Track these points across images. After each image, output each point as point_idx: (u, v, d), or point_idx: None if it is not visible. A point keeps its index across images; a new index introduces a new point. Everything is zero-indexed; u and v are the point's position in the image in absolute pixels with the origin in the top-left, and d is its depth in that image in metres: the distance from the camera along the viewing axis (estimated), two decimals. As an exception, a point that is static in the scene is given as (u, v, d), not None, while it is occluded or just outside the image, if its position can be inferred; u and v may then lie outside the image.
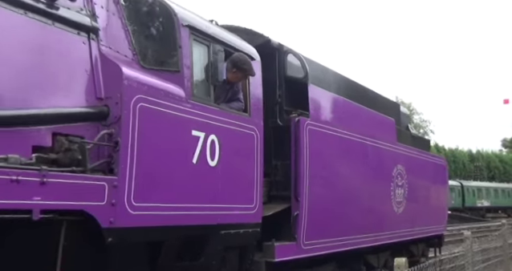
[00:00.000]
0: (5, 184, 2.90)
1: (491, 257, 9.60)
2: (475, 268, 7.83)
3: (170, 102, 4.16)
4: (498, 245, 10.06)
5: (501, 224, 11.45)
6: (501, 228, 11.02)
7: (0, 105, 3.14)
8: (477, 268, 8.07)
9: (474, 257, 7.84)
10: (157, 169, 3.98)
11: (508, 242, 10.43)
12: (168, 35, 4.42)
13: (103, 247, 3.64)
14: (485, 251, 9.08)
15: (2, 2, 3.34)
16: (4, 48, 3.26)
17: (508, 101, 43.79)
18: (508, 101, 43.79)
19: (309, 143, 6.08)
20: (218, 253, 4.77)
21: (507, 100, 43.89)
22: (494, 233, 11.66)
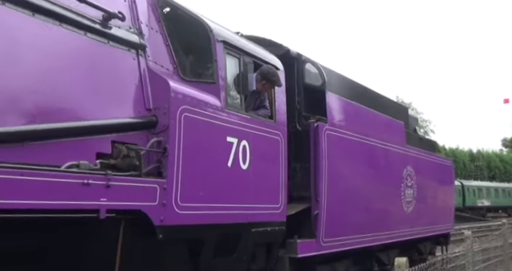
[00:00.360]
0: (78, 187, 3.31)
1: (491, 257, 9.56)
2: (475, 267, 7.86)
3: (209, 111, 4.57)
4: (499, 245, 10.00)
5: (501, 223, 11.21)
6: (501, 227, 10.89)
7: (70, 118, 3.55)
8: (478, 268, 8.10)
9: (475, 257, 7.86)
10: (199, 172, 4.39)
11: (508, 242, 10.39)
12: (205, 50, 4.83)
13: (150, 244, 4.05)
14: (485, 250, 9.04)
15: (67, 25, 3.74)
16: (70, 67, 3.67)
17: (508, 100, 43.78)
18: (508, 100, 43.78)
19: (327, 147, 6.49)
20: (249, 249, 5.19)
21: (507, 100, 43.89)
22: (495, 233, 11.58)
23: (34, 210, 3.04)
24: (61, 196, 3.19)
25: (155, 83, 4.29)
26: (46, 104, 3.44)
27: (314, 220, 6.33)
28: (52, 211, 3.15)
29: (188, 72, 4.84)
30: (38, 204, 3.04)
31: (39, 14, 3.54)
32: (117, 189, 3.56)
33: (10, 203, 2.88)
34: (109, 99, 3.97)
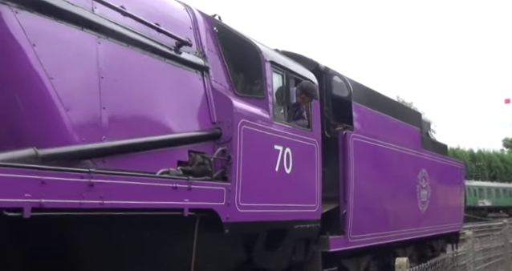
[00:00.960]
0: (169, 190, 4.02)
1: (492, 257, 9.60)
2: (476, 267, 7.92)
3: (261, 123, 5.28)
4: (500, 245, 10.08)
5: (502, 223, 11.31)
6: (502, 227, 11.04)
7: (159, 132, 4.26)
8: (479, 268, 8.16)
9: (476, 257, 7.89)
10: (254, 176, 5.10)
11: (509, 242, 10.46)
12: (255, 68, 5.54)
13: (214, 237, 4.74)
14: (486, 251, 9.08)
15: (152, 53, 4.45)
16: (157, 89, 4.38)
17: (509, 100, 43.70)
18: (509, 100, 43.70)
19: (354, 153, 7.20)
20: (291, 244, 5.90)
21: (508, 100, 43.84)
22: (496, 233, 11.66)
23: (138, 209, 3.74)
24: (158, 197, 3.89)
25: (219, 100, 4.99)
26: (143, 121, 4.15)
27: (342, 218, 7.04)
28: (150, 209, 3.85)
29: (240, 88, 5.54)
30: (144, 204, 3.74)
31: (135, 46, 4.25)
32: (196, 191, 4.26)
33: (127, 203, 3.59)
34: (184, 114, 4.67)
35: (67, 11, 3.73)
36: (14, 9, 3.38)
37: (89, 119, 3.74)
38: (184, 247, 4.43)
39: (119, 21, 4.19)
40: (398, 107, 9.72)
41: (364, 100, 8.04)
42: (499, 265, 9.85)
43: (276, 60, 5.79)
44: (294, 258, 6.08)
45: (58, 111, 3.50)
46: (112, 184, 3.50)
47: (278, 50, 6.79)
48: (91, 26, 3.93)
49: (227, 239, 4.84)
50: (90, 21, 3.91)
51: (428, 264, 5.42)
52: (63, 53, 3.65)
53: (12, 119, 3.36)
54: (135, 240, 3.93)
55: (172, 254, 4.33)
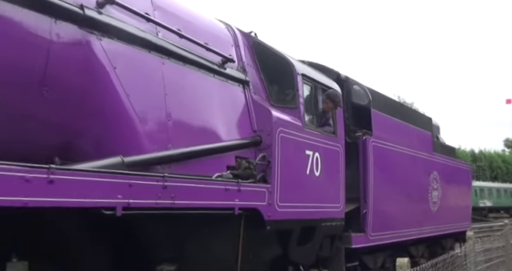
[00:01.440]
0: (223, 191, 4.59)
1: (493, 257, 9.65)
2: (477, 268, 7.98)
3: (295, 131, 5.85)
4: (501, 245, 10.13)
5: (503, 224, 11.39)
6: (503, 228, 11.12)
7: (210, 141, 4.84)
8: (480, 269, 8.22)
9: (477, 257, 7.94)
10: (290, 179, 5.67)
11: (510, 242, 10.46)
12: (288, 81, 6.11)
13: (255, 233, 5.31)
14: (487, 251, 9.15)
15: (205, 70, 5.03)
16: (210, 103, 4.96)
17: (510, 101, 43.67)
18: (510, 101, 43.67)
19: (373, 156, 7.77)
20: (319, 240, 6.47)
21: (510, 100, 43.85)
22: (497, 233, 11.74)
23: (199, 207, 4.31)
24: (214, 197, 4.47)
25: (259, 111, 5.58)
26: (198, 131, 4.73)
27: (363, 217, 7.61)
28: (207, 208, 4.43)
29: (274, 98, 6.12)
30: (204, 203, 4.32)
31: (190, 64, 4.84)
32: (244, 193, 4.83)
33: (191, 203, 4.16)
34: (230, 124, 5.25)
35: (138, 37, 4.30)
36: (99, 36, 3.95)
37: (158, 130, 4.32)
38: (232, 241, 5.00)
39: (177, 42, 4.77)
40: (410, 113, 10.29)
41: (381, 107, 8.61)
42: (500, 266, 9.94)
43: (306, 73, 6.36)
44: (321, 253, 6.65)
45: (134, 123, 4.07)
46: (181, 187, 4.07)
47: (304, 61, 7.36)
48: (157, 49, 4.50)
49: (267, 234, 5.42)
50: (155, 44, 4.49)
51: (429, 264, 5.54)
52: (136, 73, 4.22)
53: (96, 131, 3.93)
54: (194, 234, 4.51)
55: (222, 246, 4.90)
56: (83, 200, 3.29)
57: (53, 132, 3.76)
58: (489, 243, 9.53)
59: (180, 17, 5.02)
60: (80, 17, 3.79)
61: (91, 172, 3.38)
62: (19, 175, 2.94)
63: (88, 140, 3.91)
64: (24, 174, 2.96)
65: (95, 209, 3.39)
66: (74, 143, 3.88)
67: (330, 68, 8.18)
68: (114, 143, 3.95)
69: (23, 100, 3.49)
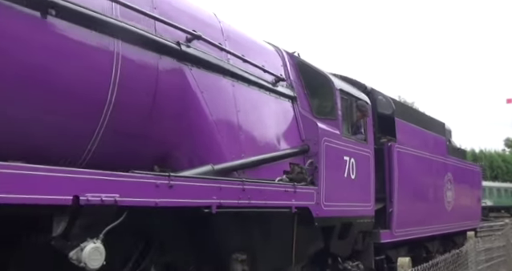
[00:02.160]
0: (283, 193, 5.44)
1: (494, 257, 9.72)
2: (478, 267, 8.08)
3: (335, 139, 6.71)
4: (501, 245, 10.24)
5: (504, 223, 11.57)
6: (504, 227, 11.29)
7: (270, 150, 5.70)
8: (481, 268, 8.31)
9: (478, 257, 8.02)
10: (333, 181, 6.54)
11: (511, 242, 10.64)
12: (328, 95, 6.98)
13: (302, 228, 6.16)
14: (488, 250, 9.21)
15: (263, 89, 5.89)
16: (269, 117, 5.82)
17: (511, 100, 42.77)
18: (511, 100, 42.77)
19: (397, 161, 8.63)
20: (354, 235, 7.34)
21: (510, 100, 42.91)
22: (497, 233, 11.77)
23: (267, 206, 5.16)
24: (277, 198, 5.33)
25: (306, 123, 6.44)
26: (262, 142, 5.60)
27: (388, 215, 8.47)
28: (272, 207, 5.28)
29: (316, 111, 6.98)
30: (271, 203, 5.17)
31: (252, 84, 5.71)
32: (299, 194, 5.70)
33: (261, 203, 5.02)
34: (284, 135, 6.12)
35: (216, 65, 5.17)
36: (190, 66, 4.81)
37: (234, 142, 5.18)
38: (287, 234, 5.85)
39: (242, 67, 5.63)
40: (426, 119, 11.15)
41: (402, 114, 9.48)
42: (501, 265, 10.12)
43: (342, 88, 7.23)
44: (355, 247, 7.52)
45: (217, 137, 4.94)
46: (254, 189, 4.93)
47: (336, 75, 8.21)
48: (229, 73, 5.37)
49: (314, 230, 6.28)
50: (228, 70, 5.35)
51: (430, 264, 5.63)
52: (216, 95, 5.09)
53: (188, 144, 4.78)
54: (260, 228, 5.37)
55: (281, 239, 5.75)
56: (192, 200, 4.16)
57: (154, 146, 4.62)
58: (490, 242, 9.59)
59: (242, 44, 5.89)
60: (177, 52, 4.65)
61: (196, 178, 4.24)
62: (152, 181, 3.80)
63: (182, 152, 4.77)
64: (155, 181, 3.82)
65: (197, 208, 4.25)
66: (170, 154, 4.73)
67: (357, 81, 9.04)
68: (202, 154, 4.82)
69: (137, 121, 4.35)
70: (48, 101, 3.62)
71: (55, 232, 3.22)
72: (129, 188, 3.59)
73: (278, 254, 5.69)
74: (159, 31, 4.52)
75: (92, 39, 3.86)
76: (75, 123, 3.88)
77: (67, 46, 3.68)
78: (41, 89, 3.56)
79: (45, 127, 3.69)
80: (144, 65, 4.31)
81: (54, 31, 3.61)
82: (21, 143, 3.53)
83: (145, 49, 4.33)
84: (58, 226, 3.23)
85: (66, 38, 3.68)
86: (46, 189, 3.04)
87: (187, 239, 4.76)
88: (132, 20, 4.22)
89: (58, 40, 3.64)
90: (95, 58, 3.89)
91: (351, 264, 7.34)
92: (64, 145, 3.87)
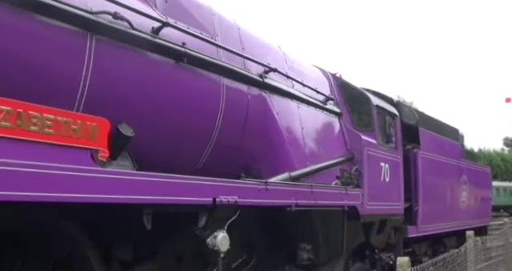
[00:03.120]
0: (339, 194, 6.62)
1: (493, 256, 9.97)
2: (477, 266, 8.25)
3: (374, 148, 7.89)
4: (500, 244, 10.57)
5: (503, 222, 11.90)
6: (503, 227, 11.66)
7: (326, 159, 6.88)
8: (480, 267, 8.51)
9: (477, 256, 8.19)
10: (373, 184, 7.71)
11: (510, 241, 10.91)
12: (366, 110, 8.16)
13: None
14: (487, 250, 9.45)
15: (316, 108, 7.07)
16: (323, 131, 7.01)
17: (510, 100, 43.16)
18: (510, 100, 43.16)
19: (422, 165, 9.81)
20: (388, 231, 8.52)
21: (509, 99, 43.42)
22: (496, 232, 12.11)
23: (327, 205, 6.34)
24: (334, 198, 6.50)
25: (350, 135, 7.63)
26: (319, 152, 6.78)
27: (414, 213, 9.65)
28: (330, 206, 6.45)
29: (356, 124, 8.16)
30: (330, 203, 6.35)
31: (310, 105, 6.89)
32: (349, 195, 6.87)
33: (324, 203, 6.19)
34: (334, 146, 7.30)
35: (286, 91, 6.35)
36: (268, 94, 5.99)
37: (300, 153, 6.37)
38: (339, 229, 7.02)
39: (302, 90, 6.82)
40: (443, 126, 12.33)
41: (423, 123, 10.66)
42: (500, 264, 10.41)
43: (378, 104, 8.42)
44: (389, 241, 8.70)
45: (289, 150, 6.12)
46: (320, 192, 6.11)
47: (368, 90, 9.39)
48: (294, 97, 6.56)
49: (358, 225, 7.45)
50: (293, 94, 6.54)
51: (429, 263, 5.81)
52: (287, 116, 6.27)
53: (267, 155, 5.96)
54: (320, 223, 6.54)
55: (335, 232, 6.93)
56: (280, 201, 5.34)
57: (243, 157, 5.80)
58: (489, 241, 9.73)
59: (300, 71, 7.08)
60: (260, 82, 5.84)
61: (283, 184, 5.43)
62: (256, 186, 4.98)
63: (262, 162, 5.95)
64: (257, 186, 5.00)
65: (283, 207, 5.43)
66: (253, 164, 5.91)
67: (385, 95, 10.22)
68: (278, 164, 6.00)
69: (233, 138, 5.52)
70: (180, 129, 4.80)
71: (200, 224, 4.40)
72: (243, 192, 4.77)
73: (333, 245, 6.87)
74: (247, 67, 5.70)
75: (208, 78, 5.05)
76: (195, 144, 5.06)
77: (194, 86, 4.87)
78: (177, 119, 4.74)
79: (177, 147, 4.87)
80: (239, 94, 5.50)
81: (183, 74, 4.79)
82: (161, 159, 4.71)
83: (239, 82, 5.51)
84: (202, 220, 4.41)
85: (192, 79, 4.87)
86: (197, 193, 4.23)
87: (267, 232, 5.94)
88: (229, 59, 5.40)
89: (187, 81, 4.82)
90: (211, 92, 5.07)
91: (385, 256, 8.53)
92: (187, 159, 5.05)
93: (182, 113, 4.79)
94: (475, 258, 7.87)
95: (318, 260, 6.45)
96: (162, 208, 3.92)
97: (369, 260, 8.28)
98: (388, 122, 8.83)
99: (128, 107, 4.20)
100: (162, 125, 4.59)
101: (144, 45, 4.36)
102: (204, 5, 5.45)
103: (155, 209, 3.88)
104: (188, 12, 5.11)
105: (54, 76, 3.69)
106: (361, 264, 8.03)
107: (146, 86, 4.40)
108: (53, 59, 3.67)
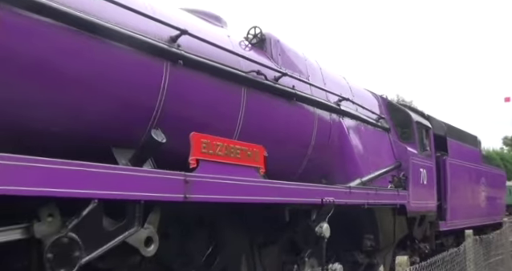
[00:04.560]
0: (393, 195, 8.36)
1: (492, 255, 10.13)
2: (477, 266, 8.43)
3: (416, 157, 9.63)
4: (500, 244, 10.78)
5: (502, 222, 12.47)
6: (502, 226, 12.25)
7: (381, 167, 8.62)
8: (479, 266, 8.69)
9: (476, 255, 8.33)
10: (416, 186, 9.45)
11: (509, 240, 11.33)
12: (408, 125, 9.91)
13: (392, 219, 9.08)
14: (486, 249, 9.59)
15: (369, 125, 8.82)
16: (377, 144, 8.76)
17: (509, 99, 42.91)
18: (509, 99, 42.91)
19: (450, 170, 11.56)
20: (426, 224, 10.27)
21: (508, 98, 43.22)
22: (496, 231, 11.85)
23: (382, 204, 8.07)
24: (388, 198, 8.24)
25: (397, 147, 9.37)
26: (374, 161, 8.54)
27: (444, 210, 11.41)
28: (386, 204, 8.19)
29: (402, 136, 9.91)
30: (387, 202, 8.09)
31: (363, 122, 8.64)
32: (400, 196, 8.61)
33: (380, 202, 7.93)
34: (386, 155, 9.05)
35: (355, 115, 8.10)
36: (342, 117, 7.73)
37: (365, 163, 8.11)
38: (391, 223, 8.76)
39: (363, 112, 8.55)
40: (465, 134, 14.12)
41: (449, 133, 12.40)
42: (499, 264, 10.72)
43: (418, 120, 10.16)
44: (426, 233, 10.45)
45: (358, 161, 7.87)
46: (382, 193, 7.86)
47: (405, 106, 11.14)
48: (359, 119, 8.29)
49: (404, 220, 9.20)
50: (359, 116, 8.28)
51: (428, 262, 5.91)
52: (355, 133, 8.01)
53: (342, 166, 7.70)
54: (379, 218, 8.29)
55: (388, 226, 8.66)
56: (358, 200, 7.08)
57: (324, 167, 7.54)
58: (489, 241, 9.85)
59: (360, 96, 8.83)
60: (337, 110, 7.58)
61: (360, 187, 7.18)
62: (345, 190, 6.72)
63: (338, 170, 7.70)
64: (345, 190, 6.74)
65: (358, 205, 7.17)
66: (331, 172, 7.66)
67: (418, 109, 11.98)
68: (350, 172, 7.75)
69: (320, 153, 7.26)
70: (292, 148, 6.55)
71: (312, 218, 6.15)
72: (337, 194, 6.52)
73: (388, 236, 8.61)
74: (328, 98, 7.45)
75: (307, 110, 6.80)
76: (297, 159, 6.82)
77: (300, 117, 6.63)
78: (291, 141, 6.49)
79: (288, 161, 6.61)
80: (325, 120, 7.25)
81: (293, 109, 6.54)
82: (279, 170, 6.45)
83: (325, 110, 7.26)
84: (313, 215, 6.16)
85: (299, 112, 6.63)
86: (314, 195, 5.98)
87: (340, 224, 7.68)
88: (318, 93, 7.15)
89: (296, 114, 6.58)
90: (309, 120, 6.83)
91: (422, 245, 10.29)
92: (290, 171, 6.80)
93: (294, 136, 6.55)
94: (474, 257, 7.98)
95: (378, 247, 8.20)
96: (296, 207, 5.69)
97: (410, 249, 10.03)
98: (424, 134, 10.56)
99: (266, 136, 5.96)
100: (284, 146, 6.36)
101: (270, 89, 6.11)
102: (299, 54, 7.22)
103: (292, 207, 5.65)
104: (292, 61, 6.87)
105: (228, 119, 5.46)
106: (404, 252, 9.77)
107: (274, 120, 6.16)
108: (228, 109, 5.45)
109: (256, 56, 6.10)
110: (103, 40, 4.06)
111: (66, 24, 3.75)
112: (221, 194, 4.53)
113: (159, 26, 4.66)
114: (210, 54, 5.17)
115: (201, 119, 5.07)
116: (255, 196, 5.08)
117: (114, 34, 4.12)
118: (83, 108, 4.03)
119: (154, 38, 4.56)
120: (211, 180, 4.40)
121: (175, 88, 4.71)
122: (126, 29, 4.23)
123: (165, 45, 4.65)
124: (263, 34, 6.57)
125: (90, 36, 3.94)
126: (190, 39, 4.92)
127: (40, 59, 3.65)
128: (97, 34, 3.98)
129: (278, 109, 6.25)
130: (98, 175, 3.33)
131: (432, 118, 12.02)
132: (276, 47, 6.64)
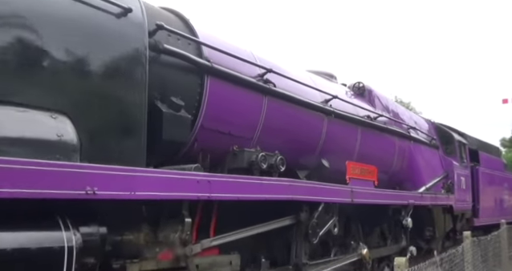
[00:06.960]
0: (445, 198, 11.17)
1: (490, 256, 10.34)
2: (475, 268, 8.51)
3: (458, 168, 12.45)
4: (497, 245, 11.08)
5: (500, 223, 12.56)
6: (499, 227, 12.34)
7: (434, 176, 11.46)
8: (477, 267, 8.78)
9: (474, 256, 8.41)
10: (458, 191, 12.27)
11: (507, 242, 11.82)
12: (452, 142, 12.74)
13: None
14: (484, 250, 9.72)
15: (425, 145, 11.63)
16: (429, 161, 11.59)
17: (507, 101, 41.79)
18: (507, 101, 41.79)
19: (481, 178, 14.38)
20: (464, 220, 13.08)
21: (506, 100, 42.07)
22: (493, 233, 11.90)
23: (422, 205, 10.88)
24: (443, 200, 11.06)
25: (445, 160, 12.19)
26: (429, 173, 11.37)
27: (476, 210, 14.22)
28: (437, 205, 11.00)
29: (446, 151, 12.72)
30: (428, 203, 10.91)
31: (422, 144, 11.46)
32: (450, 198, 11.42)
33: (423, 203, 10.75)
34: (437, 168, 11.87)
35: (416, 138, 10.92)
36: (412, 142, 10.56)
37: (426, 174, 10.93)
38: (442, 219, 11.55)
39: (419, 135, 11.36)
40: (491, 146, 16.94)
41: (481, 147, 15.22)
42: (497, 265, 11.01)
43: (458, 139, 12.99)
44: (464, 228, 13.25)
45: (423, 173, 10.70)
46: (439, 197, 10.67)
47: (445, 126, 13.95)
48: (418, 141, 11.10)
49: (450, 217, 12.00)
50: (418, 139, 11.08)
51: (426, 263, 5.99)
52: (417, 152, 10.85)
53: (410, 176, 10.50)
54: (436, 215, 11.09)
55: (440, 221, 11.46)
56: (427, 202, 9.90)
57: (399, 177, 10.34)
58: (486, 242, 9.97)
59: (417, 122, 11.65)
60: (408, 136, 10.40)
61: (427, 193, 10.03)
62: (419, 195, 9.55)
63: (407, 179, 10.51)
64: (419, 195, 9.57)
65: (425, 206, 9.98)
66: (403, 181, 10.47)
67: (453, 127, 14.78)
68: (417, 181, 10.57)
69: (398, 169, 10.06)
70: (383, 171, 9.40)
71: (402, 214, 8.98)
72: (415, 198, 9.36)
73: (440, 228, 11.43)
74: (402, 128, 10.27)
75: (394, 140, 9.65)
76: (385, 174, 9.66)
77: (392, 147, 9.48)
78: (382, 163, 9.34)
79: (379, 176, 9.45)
80: (404, 145, 10.07)
81: (385, 139, 9.38)
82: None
83: (403, 138, 10.08)
84: (403, 212, 9.00)
85: (391, 142, 9.47)
86: (406, 199, 8.81)
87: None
88: (396, 125, 9.97)
89: (388, 143, 9.42)
90: (394, 147, 9.69)
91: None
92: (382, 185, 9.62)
93: (385, 158, 9.42)
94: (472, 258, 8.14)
95: (435, 237, 11.03)
96: (396, 206, 8.56)
97: (453, 239, 12.84)
98: (462, 149, 13.37)
99: (375, 158, 8.77)
100: (383, 166, 9.22)
101: (374, 127, 8.94)
102: (383, 96, 10.05)
103: (394, 207, 8.53)
104: (383, 103, 9.71)
105: (351, 148, 8.32)
106: (448, 242, 12.61)
107: (379, 147, 9.02)
108: (351, 142, 8.29)
109: (362, 104, 8.95)
110: (300, 108, 6.93)
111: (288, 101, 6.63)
112: (366, 198, 7.46)
113: (318, 93, 7.53)
114: (344, 108, 8.03)
115: (343, 150, 7.95)
116: (376, 199, 7.94)
117: (305, 103, 6.98)
118: (290, 150, 6.90)
119: (318, 101, 7.41)
120: (362, 190, 7.32)
121: (329, 132, 7.56)
122: (311, 100, 7.10)
123: (324, 105, 7.50)
124: (364, 86, 9.43)
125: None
126: (336, 100, 7.78)
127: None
128: (300, 105, 6.86)
129: (377, 139, 9.09)
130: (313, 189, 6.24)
131: (466, 135, 14.83)
132: (371, 95, 9.50)
